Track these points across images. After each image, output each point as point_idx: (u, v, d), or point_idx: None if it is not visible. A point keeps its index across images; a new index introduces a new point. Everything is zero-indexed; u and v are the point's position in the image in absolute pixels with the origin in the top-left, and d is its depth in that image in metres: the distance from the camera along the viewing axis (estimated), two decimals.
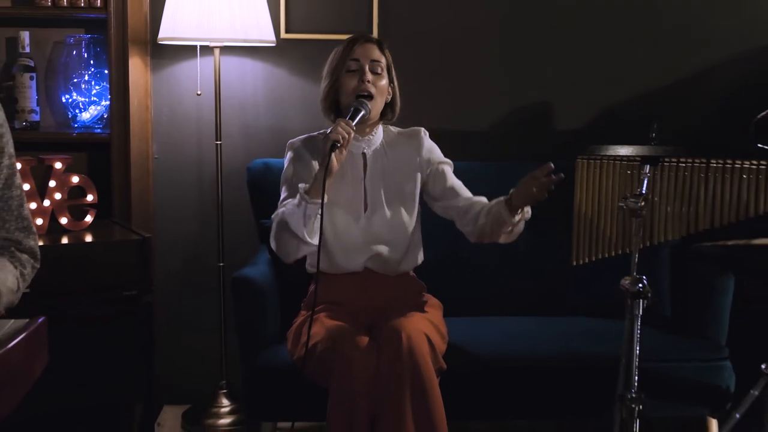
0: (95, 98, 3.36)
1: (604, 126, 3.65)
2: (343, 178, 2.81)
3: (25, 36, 3.25)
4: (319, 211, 2.60)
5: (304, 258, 2.88)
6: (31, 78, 3.26)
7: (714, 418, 2.95)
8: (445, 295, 3.02)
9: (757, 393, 1.62)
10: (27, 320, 1.75)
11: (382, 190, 2.85)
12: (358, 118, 2.67)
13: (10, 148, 2.09)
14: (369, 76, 2.77)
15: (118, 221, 3.26)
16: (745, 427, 2.53)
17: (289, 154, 2.87)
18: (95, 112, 3.38)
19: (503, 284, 3.38)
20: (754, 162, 1.98)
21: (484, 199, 2.81)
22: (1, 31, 3.37)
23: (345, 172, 2.82)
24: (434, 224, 3.23)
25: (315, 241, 2.62)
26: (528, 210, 2.64)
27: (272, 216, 2.77)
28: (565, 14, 3.66)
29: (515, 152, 3.63)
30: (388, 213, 2.85)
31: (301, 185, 2.63)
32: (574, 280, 3.25)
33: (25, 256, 2.10)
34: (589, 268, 2.82)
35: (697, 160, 2.00)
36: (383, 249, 2.84)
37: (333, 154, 2.57)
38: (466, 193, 2.89)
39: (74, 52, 3.36)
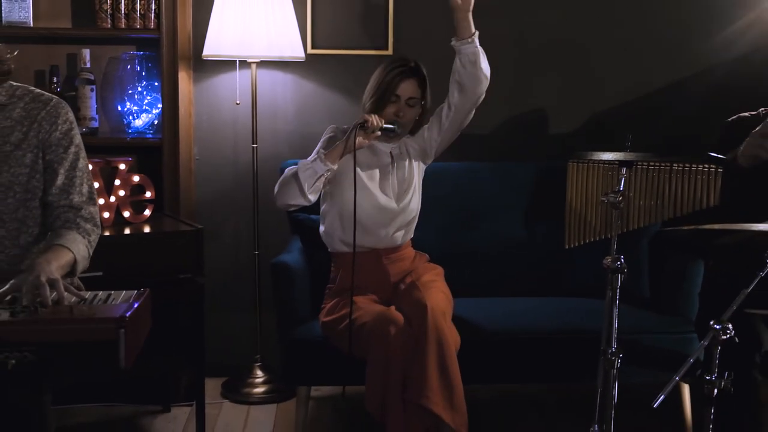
0: (147, 107, 3.78)
1: (593, 130, 4.04)
2: (374, 165, 3.29)
3: (86, 53, 3.66)
4: (327, 174, 3.10)
5: (329, 238, 3.35)
6: (91, 90, 3.67)
7: (686, 383, 3.41)
8: (455, 279, 3.40)
9: (706, 343, 2.05)
10: (136, 291, 2.20)
11: (404, 180, 3.32)
12: (388, 128, 3.16)
13: (77, 140, 2.54)
14: (403, 111, 3.25)
15: (169, 214, 3.68)
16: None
17: (327, 132, 3.34)
18: (147, 119, 3.79)
19: (507, 270, 3.75)
20: (706, 165, 2.45)
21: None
22: (64, 48, 3.77)
23: (374, 161, 3.30)
24: (446, 218, 3.70)
25: (311, 198, 3.12)
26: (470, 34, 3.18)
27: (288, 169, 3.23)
28: (560, 31, 4.04)
29: (513, 153, 4.01)
30: (407, 198, 3.31)
31: (323, 150, 3.13)
32: (570, 265, 3.63)
33: (88, 225, 2.51)
34: (583, 255, 3.24)
35: (662, 164, 2.47)
36: (395, 227, 3.31)
37: (357, 131, 3.06)
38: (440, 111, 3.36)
39: (128, 67, 3.78)
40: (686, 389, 3.40)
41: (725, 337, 2.07)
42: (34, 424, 2.24)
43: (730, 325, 2.10)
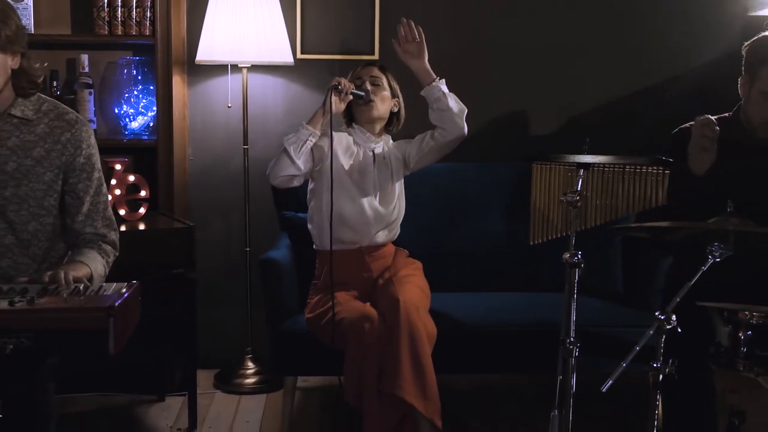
0: (142, 110, 3.94)
1: (571, 132, 4.17)
2: (358, 169, 3.45)
3: (85, 58, 3.81)
4: (311, 138, 3.30)
5: (316, 237, 3.50)
6: (90, 93, 3.82)
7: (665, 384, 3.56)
8: (439, 276, 3.57)
9: (651, 332, 2.19)
10: (125, 283, 2.36)
11: (388, 182, 3.48)
12: (358, 94, 3.37)
13: (98, 164, 2.71)
14: (368, 86, 3.44)
15: (163, 212, 3.84)
16: None
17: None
18: (142, 122, 3.95)
19: (488, 267, 3.89)
20: (656, 167, 2.62)
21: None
22: (64, 53, 3.93)
23: (359, 163, 3.45)
24: (429, 217, 3.85)
25: (301, 164, 3.30)
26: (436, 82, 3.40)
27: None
28: (540, 35, 4.19)
29: (495, 154, 4.13)
30: (389, 199, 3.48)
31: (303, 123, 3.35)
32: (549, 262, 3.69)
33: (108, 248, 2.71)
34: (561, 253, 3.40)
35: (616, 166, 2.63)
36: (380, 225, 3.46)
37: (332, 93, 3.27)
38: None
39: (125, 71, 3.94)
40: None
41: (669, 327, 2.23)
42: (39, 410, 2.41)
43: (674, 316, 2.25)
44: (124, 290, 2.28)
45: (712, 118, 2.74)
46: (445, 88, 3.41)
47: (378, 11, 4.13)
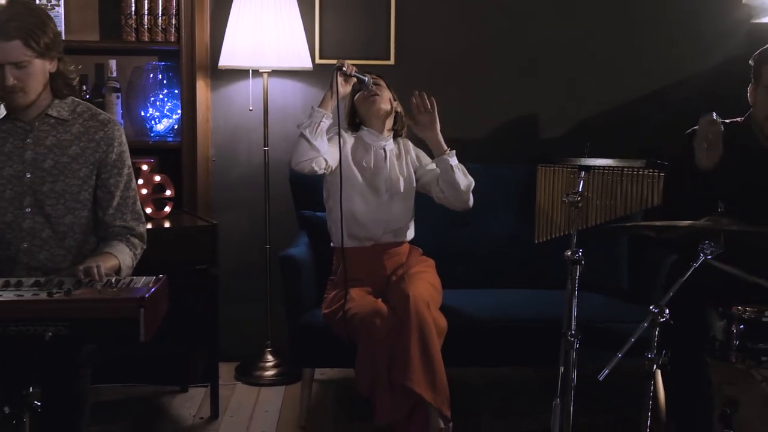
0: (167, 113, 4.10)
1: (578, 135, 4.26)
2: (369, 166, 3.59)
3: (113, 63, 3.98)
4: (323, 120, 3.40)
5: (333, 235, 3.63)
6: (117, 97, 3.98)
7: (659, 369, 3.69)
8: (448, 273, 3.69)
9: (645, 324, 2.33)
10: (153, 277, 2.53)
11: (398, 179, 3.61)
12: (360, 77, 3.48)
13: (128, 161, 2.90)
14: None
15: (187, 211, 4.00)
16: None
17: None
18: (167, 124, 4.11)
19: (496, 265, 4.03)
20: (652, 170, 2.76)
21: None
22: (92, 58, 4.08)
23: (370, 161, 3.59)
24: (440, 217, 3.98)
25: (318, 144, 3.39)
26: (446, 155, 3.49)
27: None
28: (548, 43, 4.33)
29: (503, 156, 4.26)
30: (400, 197, 3.61)
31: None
32: (554, 261, 3.73)
33: (136, 241, 2.88)
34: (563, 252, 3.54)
35: (615, 169, 2.78)
36: (396, 224, 3.61)
37: (337, 74, 3.41)
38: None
39: (151, 76, 4.10)
40: (659, 375, 3.61)
41: (662, 319, 2.37)
42: (76, 394, 2.58)
43: (666, 310, 2.39)
44: (153, 283, 2.45)
45: (716, 116, 2.87)
46: (454, 161, 3.51)
47: (393, 17, 4.27)
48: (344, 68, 3.44)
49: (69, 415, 2.59)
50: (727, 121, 3.03)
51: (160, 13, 3.96)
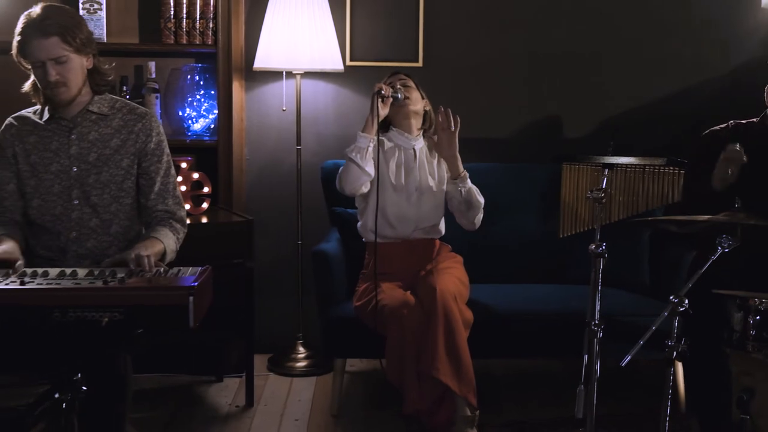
0: (204, 113, 4.25)
1: (601, 135, 4.41)
2: (401, 166, 3.72)
3: (152, 65, 4.14)
4: (370, 144, 3.55)
5: (364, 230, 3.77)
6: (156, 97, 4.14)
7: (678, 360, 3.80)
8: (476, 268, 3.83)
9: (666, 314, 2.46)
10: (200, 268, 2.67)
11: (428, 179, 3.74)
12: (395, 96, 3.62)
13: (167, 150, 3.07)
14: (399, 86, 3.70)
15: (223, 207, 4.15)
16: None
17: None
18: (204, 124, 4.27)
19: (522, 260, 4.18)
20: (672, 168, 2.89)
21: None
22: (132, 60, 4.25)
23: (401, 161, 3.72)
24: None
25: (369, 169, 3.55)
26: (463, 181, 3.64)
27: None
28: (572, 44, 4.45)
29: (529, 156, 4.41)
30: (430, 196, 3.74)
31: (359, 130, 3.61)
32: (578, 256, 3.92)
33: (178, 225, 3.05)
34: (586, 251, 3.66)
35: (636, 166, 2.90)
36: (426, 222, 3.74)
37: (377, 99, 3.55)
38: None
39: (188, 77, 4.25)
40: (680, 368, 3.76)
41: (682, 309, 2.50)
42: (122, 377, 2.74)
43: (686, 300, 2.52)
44: (200, 273, 2.59)
45: (741, 153, 2.98)
46: (467, 184, 3.68)
47: (422, 20, 4.40)
48: (383, 92, 3.58)
49: (115, 398, 2.75)
50: (743, 121, 3.15)
51: (198, 17, 4.11)
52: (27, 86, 2.99)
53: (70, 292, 2.43)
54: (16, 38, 2.84)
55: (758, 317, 2.68)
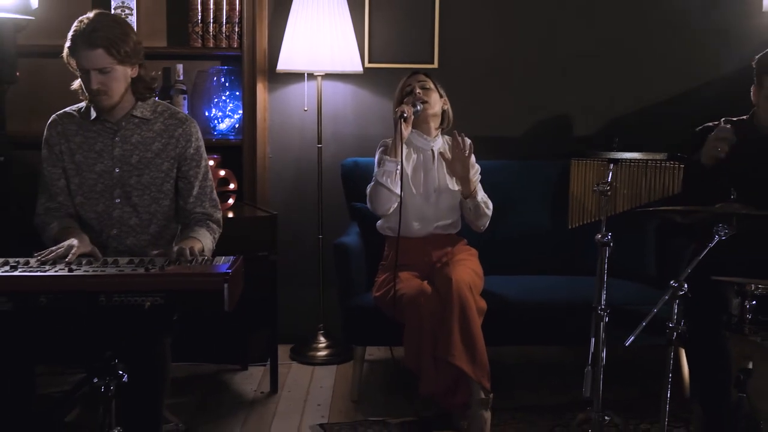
0: (229, 113, 4.44)
1: (610, 133, 4.55)
2: (420, 167, 3.89)
3: (179, 68, 4.34)
4: (398, 167, 3.72)
5: (383, 227, 3.94)
6: (184, 98, 4.34)
7: (678, 343, 3.94)
8: (489, 260, 3.98)
9: (666, 297, 2.64)
10: (233, 257, 2.87)
11: (446, 179, 3.91)
12: (416, 111, 3.78)
13: (205, 154, 3.24)
14: (419, 91, 3.88)
15: (248, 203, 4.34)
16: None
17: (379, 147, 3.94)
18: (229, 123, 4.46)
19: (532, 253, 4.35)
20: (673, 162, 3.07)
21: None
22: (161, 63, 4.43)
23: (420, 163, 3.89)
24: None
25: (396, 190, 3.72)
26: (473, 199, 3.80)
27: (367, 187, 3.85)
28: (581, 46, 4.62)
29: (543, 153, 4.55)
30: (449, 194, 3.91)
31: (384, 156, 3.77)
32: (585, 249, 3.97)
33: (215, 226, 3.23)
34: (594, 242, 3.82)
35: (640, 161, 3.09)
36: (444, 219, 3.92)
37: (401, 122, 3.70)
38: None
39: (215, 79, 4.44)
40: (683, 355, 3.91)
41: (681, 293, 2.68)
42: (161, 362, 2.91)
43: (685, 285, 2.70)
44: (233, 261, 2.79)
45: (731, 131, 3.16)
46: (477, 201, 3.83)
47: (437, 23, 4.58)
48: (405, 114, 3.73)
49: (155, 382, 2.90)
50: (734, 119, 3.34)
51: (224, 21, 4.31)
52: (75, 85, 3.14)
53: (114, 278, 2.63)
54: (67, 43, 3.00)
55: (754, 302, 2.82)
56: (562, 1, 4.64)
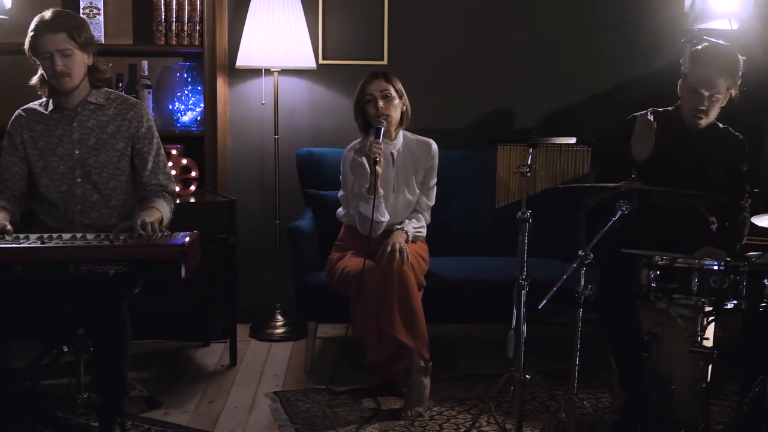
0: (192, 106, 4.72)
1: (549, 124, 4.86)
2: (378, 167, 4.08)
3: (145, 64, 4.60)
4: (377, 201, 3.84)
5: (342, 217, 4.16)
6: (149, 92, 4.60)
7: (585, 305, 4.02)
8: (436, 243, 4.24)
9: (575, 265, 2.97)
10: (189, 232, 3.17)
11: (404, 179, 4.10)
12: (381, 135, 3.90)
13: (156, 133, 3.54)
14: (381, 103, 3.93)
15: (209, 189, 4.62)
16: None
17: (346, 161, 4.06)
18: (191, 116, 4.73)
19: (475, 235, 4.63)
20: (582, 146, 3.40)
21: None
22: (127, 60, 4.70)
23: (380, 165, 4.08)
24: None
25: (384, 218, 3.91)
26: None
27: (350, 211, 4.04)
28: (521, 42, 4.95)
29: (485, 143, 4.49)
30: (406, 194, 4.10)
31: (364, 192, 3.92)
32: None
33: (169, 197, 3.50)
34: (535, 227, 4.03)
35: (555, 145, 3.42)
36: (399, 219, 4.08)
37: (376, 166, 3.84)
38: (418, 208, 4.16)
39: (177, 75, 4.72)
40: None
41: (587, 261, 3.02)
42: (122, 321, 3.17)
43: (591, 254, 3.04)
44: (190, 236, 3.10)
45: (651, 118, 3.46)
46: (411, 236, 4.02)
47: (386, 23, 4.88)
48: (378, 158, 3.82)
49: (118, 341, 3.15)
50: (660, 109, 3.66)
51: (186, 20, 4.59)
52: (34, 80, 3.45)
53: (82, 249, 2.94)
54: (30, 34, 3.33)
55: (659, 272, 3.09)
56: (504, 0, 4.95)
